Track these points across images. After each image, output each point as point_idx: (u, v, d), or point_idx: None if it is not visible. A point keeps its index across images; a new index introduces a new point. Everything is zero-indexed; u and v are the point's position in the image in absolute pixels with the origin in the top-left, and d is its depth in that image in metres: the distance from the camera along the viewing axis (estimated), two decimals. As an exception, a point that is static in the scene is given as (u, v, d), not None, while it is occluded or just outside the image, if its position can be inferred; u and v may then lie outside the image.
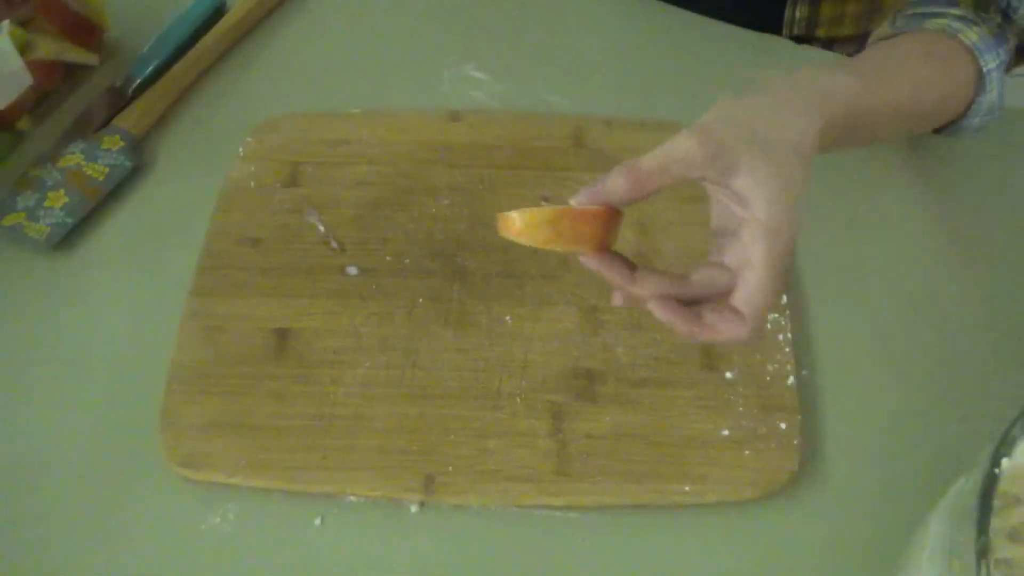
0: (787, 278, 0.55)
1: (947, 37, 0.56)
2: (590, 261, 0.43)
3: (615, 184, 0.41)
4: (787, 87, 0.46)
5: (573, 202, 0.42)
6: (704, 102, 0.44)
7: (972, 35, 0.56)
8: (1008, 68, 0.60)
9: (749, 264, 0.41)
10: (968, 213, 0.62)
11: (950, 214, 0.62)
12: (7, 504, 0.48)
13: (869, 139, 0.55)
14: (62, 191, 0.60)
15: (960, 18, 0.57)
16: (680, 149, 0.41)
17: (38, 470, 0.49)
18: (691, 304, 0.43)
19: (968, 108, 0.58)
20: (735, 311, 0.42)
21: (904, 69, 0.54)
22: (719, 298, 0.43)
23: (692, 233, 0.58)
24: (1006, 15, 0.58)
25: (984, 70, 0.56)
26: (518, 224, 0.41)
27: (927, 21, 0.58)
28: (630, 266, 0.43)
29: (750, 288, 0.41)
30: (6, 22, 0.63)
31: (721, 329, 0.42)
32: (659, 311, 0.42)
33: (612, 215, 0.42)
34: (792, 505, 0.48)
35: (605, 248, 0.43)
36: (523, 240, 0.42)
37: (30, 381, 0.53)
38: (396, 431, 0.50)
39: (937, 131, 0.61)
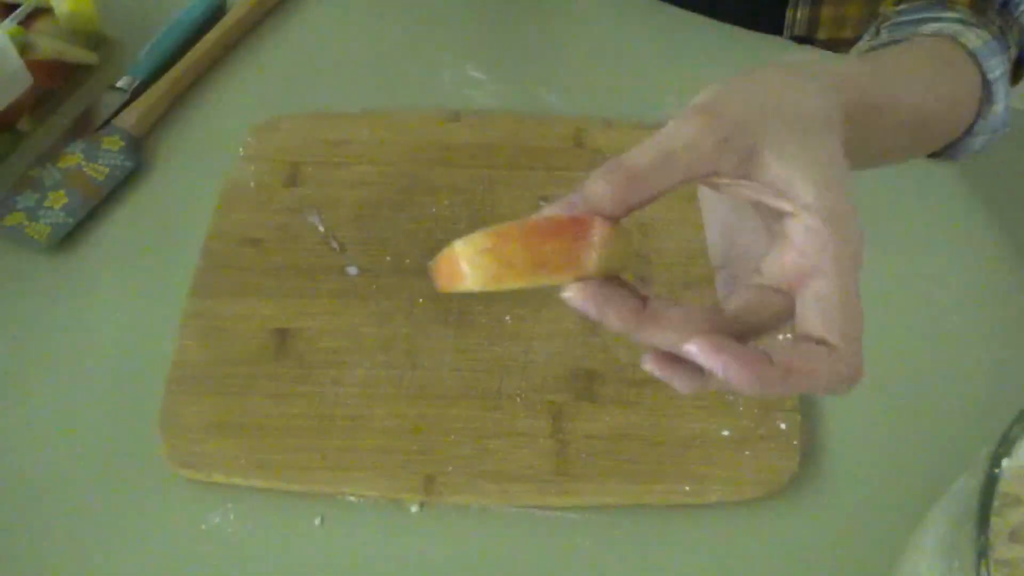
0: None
1: (945, 40, 0.49)
2: (571, 294, 0.31)
3: (596, 189, 0.31)
4: (795, 65, 0.36)
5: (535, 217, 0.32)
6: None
7: (973, 39, 0.49)
8: (1011, 82, 0.53)
9: (815, 270, 0.30)
10: (968, 212, 0.62)
11: (950, 213, 0.62)
12: (6, 504, 0.48)
13: (876, 150, 0.46)
14: (62, 191, 0.60)
15: (957, 21, 0.50)
16: (679, 136, 0.31)
17: (37, 470, 0.49)
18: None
19: (972, 124, 0.50)
20: (816, 342, 0.30)
21: (908, 66, 0.46)
22: (768, 333, 0.32)
23: (692, 233, 0.58)
24: (1004, 15, 0.54)
25: (989, 77, 0.50)
26: (461, 266, 0.32)
27: (921, 27, 0.51)
28: (635, 298, 0.31)
29: (829, 302, 0.30)
30: (6, 22, 0.64)
31: (810, 368, 0.30)
32: (703, 354, 0.29)
33: (596, 227, 0.31)
34: (792, 505, 0.48)
35: (594, 273, 0.31)
36: (470, 284, 0.32)
37: (29, 381, 0.53)
38: (396, 431, 0.50)
39: (935, 155, 0.53)
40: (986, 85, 0.50)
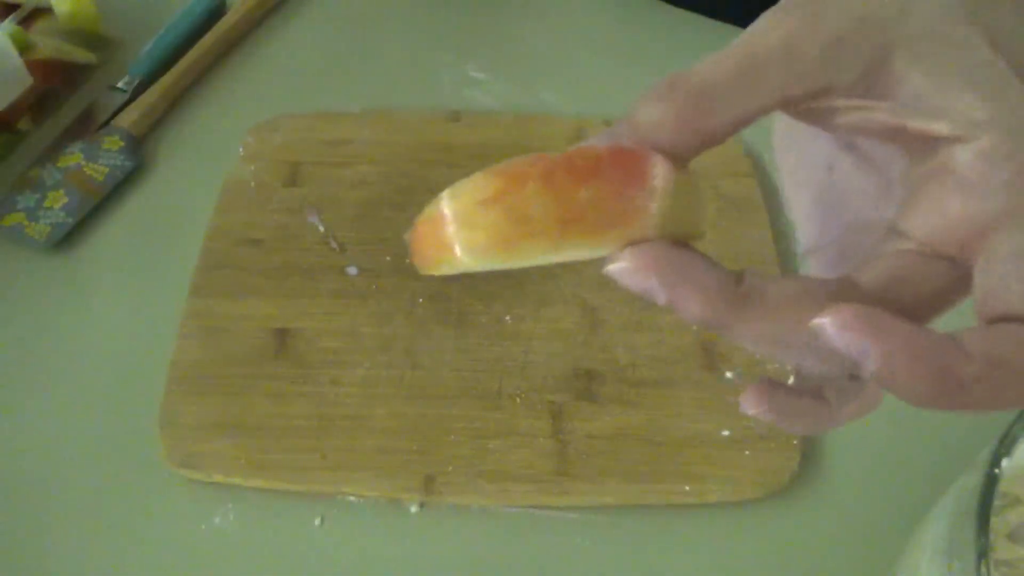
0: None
1: None
2: (625, 264, 0.21)
3: (650, 112, 0.22)
4: None
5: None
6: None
7: None
8: None
9: (1006, 214, 0.20)
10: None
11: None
12: (6, 504, 0.48)
13: None
14: (62, 191, 0.60)
15: None
16: (771, 37, 0.22)
17: (37, 470, 0.49)
18: None
19: None
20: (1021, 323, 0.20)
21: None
22: (929, 321, 0.23)
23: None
24: None
25: None
26: (451, 229, 0.21)
27: None
28: (722, 270, 0.21)
29: None
30: (6, 22, 0.64)
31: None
32: (845, 331, 0.19)
33: (657, 164, 0.21)
34: (792, 505, 0.48)
35: (654, 234, 0.21)
36: (462, 256, 0.21)
37: (29, 381, 0.53)
38: (396, 431, 0.50)
39: None
40: None
